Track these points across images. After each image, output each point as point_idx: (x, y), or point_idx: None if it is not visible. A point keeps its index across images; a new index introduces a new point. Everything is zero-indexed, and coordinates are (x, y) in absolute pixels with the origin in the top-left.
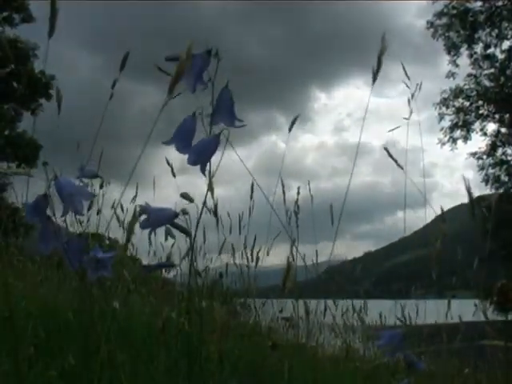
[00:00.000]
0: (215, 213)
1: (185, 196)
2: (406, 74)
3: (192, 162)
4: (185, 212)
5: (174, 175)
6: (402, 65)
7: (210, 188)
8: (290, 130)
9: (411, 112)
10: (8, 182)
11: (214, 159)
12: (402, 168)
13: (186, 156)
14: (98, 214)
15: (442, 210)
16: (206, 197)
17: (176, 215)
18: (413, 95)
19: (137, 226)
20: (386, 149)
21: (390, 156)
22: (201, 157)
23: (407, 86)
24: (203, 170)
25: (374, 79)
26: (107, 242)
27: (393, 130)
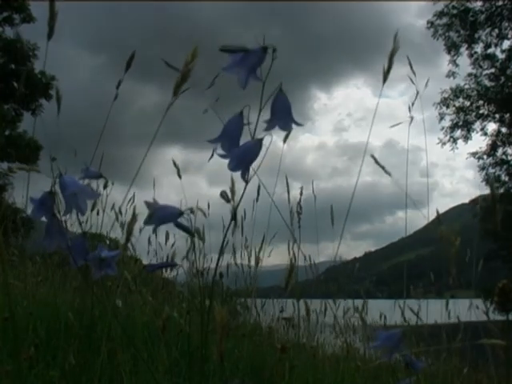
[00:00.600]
0: (234, 217)
1: (223, 195)
2: (412, 69)
3: (233, 167)
4: (192, 211)
5: (179, 176)
6: (408, 60)
7: (232, 191)
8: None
9: (410, 110)
10: (8, 182)
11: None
12: (390, 174)
13: (227, 161)
14: (97, 214)
15: (438, 213)
16: (238, 200)
17: (181, 214)
18: (418, 93)
19: (136, 227)
20: (372, 156)
21: (377, 163)
22: (243, 162)
23: (413, 82)
24: (244, 176)
25: (385, 79)
26: (107, 242)
27: (394, 125)
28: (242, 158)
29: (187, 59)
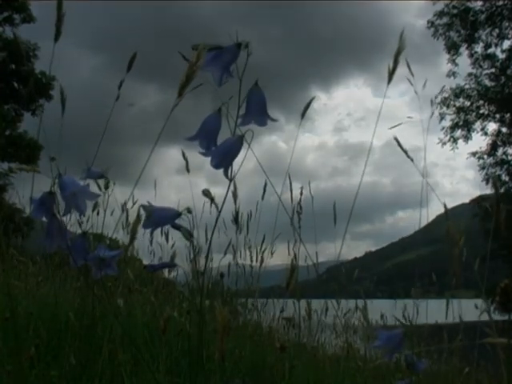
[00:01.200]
0: (236, 220)
1: (206, 193)
2: (410, 70)
3: (215, 165)
4: (189, 211)
5: (188, 170)
6: (406, 61)
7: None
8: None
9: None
10: (8, 182)
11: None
12: (412, 160)
13: (209, 158)
14: (98, 214)
15: (446, 208)
16: (224, 199)
17: (178, 215)
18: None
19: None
20: (396, 139)
21: (400, 146)
22: (224, 160)
23: (411, 83)
24: (226, 174)
25: (390, 79)
26: (108, 242)
27: (395, 126)
28: (224, 155)
29: (192, 60)
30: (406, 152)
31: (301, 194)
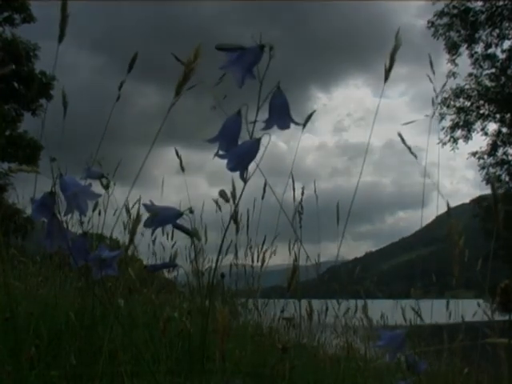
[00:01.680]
0: (235, 220)
1: (222, 194)
2: (432, 66)
3: (231, 168)
4: (191, 211)
5: (182, 169)
6: (429, 57)
7: (233, 195)
8: (304, 125)
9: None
10: (9, 182)
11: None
12: (416, 156)
13: (225, 161)
14: (99, 214)
15: (448, 206)
16: (237, 200)
17: (180, 214)
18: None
19: (138, 227)
20: (399, 134)
21: (403, 142)
22: (241, 162)
23: (431, 80)
24: (242, 176)
25: (386, 78)
26: (108, 242)
27: (408, 123)
28: (241, 158)
29: (190, 58)
30: (409, 148)
31: (302, 193)
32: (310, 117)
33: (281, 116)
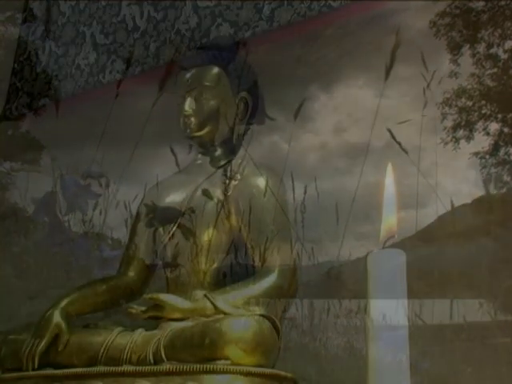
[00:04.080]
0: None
1: (205, 193)
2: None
3: None
4: (192, 210)
5: (177, 166)
6: (421, 55)
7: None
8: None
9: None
10: (10, 181)
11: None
12: (407, 152)
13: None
14: (100, 214)
15: (452, 205)
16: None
17: (181, 214)
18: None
19: (139, 227)
20: (389, 130)
21: (394, 138)
22: None
23: (425, 79)
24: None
25: (387, 76)
26: (109, 242)
27: (403, 122)
28: None
29: (173, 53)
30: (399, 143)
31: (304, 192)
32: (300, 107)
33: (256, 112)
